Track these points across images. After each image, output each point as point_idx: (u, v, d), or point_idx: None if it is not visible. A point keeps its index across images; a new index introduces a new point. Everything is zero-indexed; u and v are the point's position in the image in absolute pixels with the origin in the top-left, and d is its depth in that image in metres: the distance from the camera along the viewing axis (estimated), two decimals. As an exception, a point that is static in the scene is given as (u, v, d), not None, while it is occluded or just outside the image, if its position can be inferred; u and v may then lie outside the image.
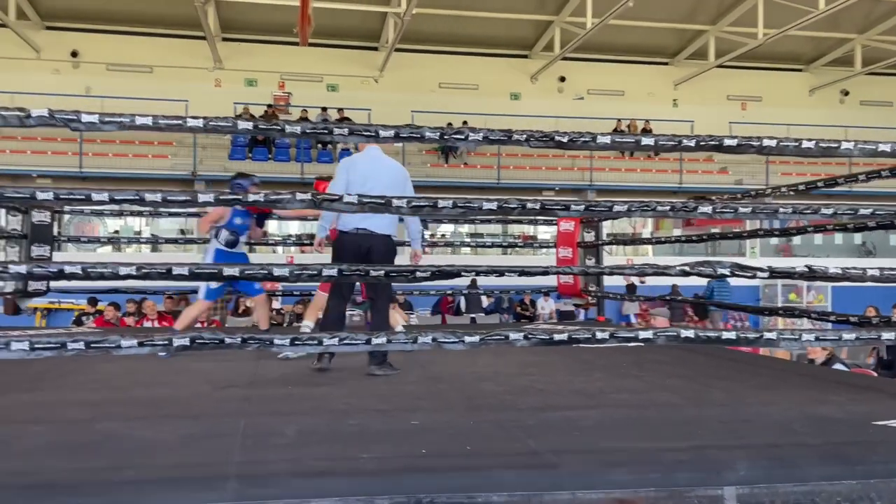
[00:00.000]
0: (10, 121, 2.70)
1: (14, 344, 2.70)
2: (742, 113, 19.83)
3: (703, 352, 5.88)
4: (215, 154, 16.52)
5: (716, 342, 3.20)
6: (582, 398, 4.07)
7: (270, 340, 2.95)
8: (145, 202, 2.82)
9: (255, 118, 15.11)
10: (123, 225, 17.89)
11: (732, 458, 2.86)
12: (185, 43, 17.51)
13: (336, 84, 18.52)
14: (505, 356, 5.49)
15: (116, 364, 4.89)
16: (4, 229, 6.99)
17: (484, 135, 3.04)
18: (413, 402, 3.88)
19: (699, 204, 3.27)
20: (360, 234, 4.67)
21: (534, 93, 19.42)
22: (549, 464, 2.78)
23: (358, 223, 4.67)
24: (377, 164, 4.79)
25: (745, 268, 3.17)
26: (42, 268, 2.80)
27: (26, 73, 16.61)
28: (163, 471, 2.60)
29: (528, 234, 18.93)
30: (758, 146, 3.21)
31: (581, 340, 3.10)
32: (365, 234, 4.67)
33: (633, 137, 3.14)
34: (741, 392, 4.30)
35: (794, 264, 3.52)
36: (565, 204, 3.23)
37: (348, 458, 2.79)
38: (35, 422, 3.28)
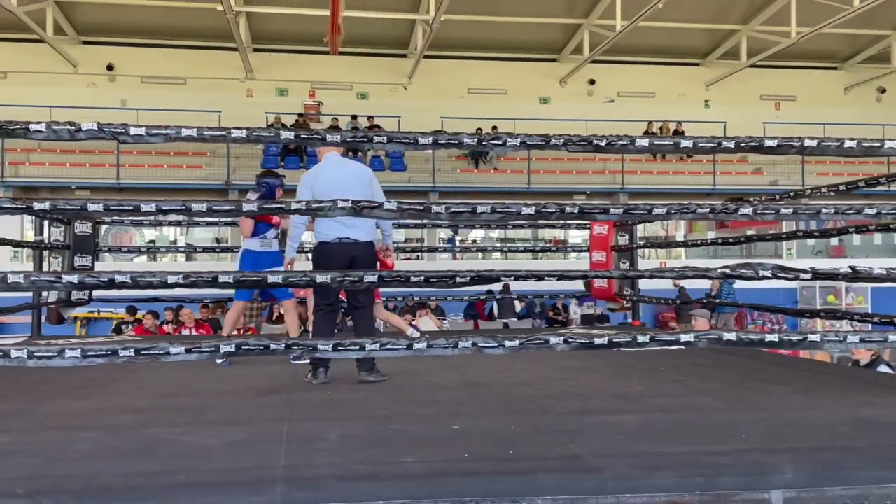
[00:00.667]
0: (62, 134, 2.78)
1: (68, 352, 2.78)
2: (776, 113, 19.58)
3: (743, 355, 5.82)
4: (248, 163, 16.72)
5: (758, 345, 3.18)
6: (622, 402, 4.06)
7: (315, 346, 2.99)
8: (191, 212, 2.88)
9: (286, 127, 15.28)
10: (159, 235, 18.19)
11: (778, 461, 2.83)
12: (218, 54, 17.77)
13: (366, 92, 18.66)
14: (541, 361, 5.49)
15: (159, 372, 4.99)
16: (49, 240, 7.15)
17: (522, 140, 3.05)
18: (453, 406, 3.90)
19: (739, 205, 3.25)
20: (346, 244, 4.65)
21: (563, 96, 19.37)
22: (592, 468, 2.79)
23: (341, 232, 4.63)
24: (341, 171, 4.75)
25: (787, 269, 3.15)
26: (94, 277, 2.88)
27: (64, 86, 16.98)
28: (212, 475, 2.64)
29: (559, 238, 18.90)
30: (798, 146, 3.19)
31: (622, 344, 3.10)
32: (350, 243, 4.65)
33: (671, 140, 3.14)
34: (783, 395, 4.25)
35: (835, 266, 3.48)
36: (604, 207, 3.23)
37: (392, 462, 2.82)
38: (86, 428, 3.36)
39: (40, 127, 2.76)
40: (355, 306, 4.87)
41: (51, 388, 4.45)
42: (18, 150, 15.84)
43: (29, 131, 2.76)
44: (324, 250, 4.68)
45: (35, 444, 3.05)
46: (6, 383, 4.52)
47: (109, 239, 16.86)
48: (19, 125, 2.76)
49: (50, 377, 4.73)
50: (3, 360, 2.70)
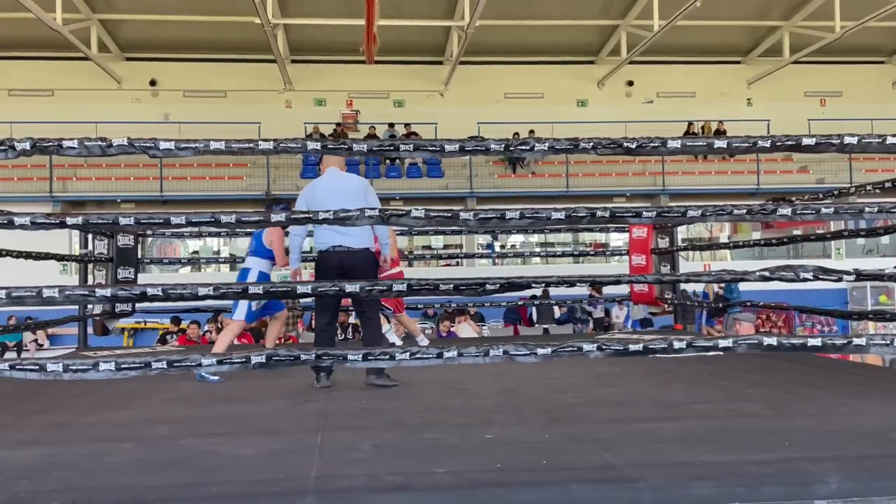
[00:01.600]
0: (93, 150, 2.83)
1: (102, 365, 2.81)
2: (821, 109, 19.09)
3: (789, 359, 5.66)
4: (287, 174, 16.92)
5: (801, 349, 3.07)
6: (661, 409, 3.97)
7: (344, 356, 2.98)
8: (220, 223, 2.90)
9: (325, 137, 15.41)
10: (202, 245, 18.48)
11: (823, 470, 2.73)
12: (257, 67, 18.02)
13: (402, 100, 18.74)
14: (580, 367, 5.41)
15: (196, 383, 5.04)
16: (92, 253, 7.30)
17: (550, 144, 3.01)
18: (487, 415, 3.86)
19: (778, 206, 3.15)
20: (338, 252, 4.75)
21: (601, 98, 19.19)
22: (628, 477, 2.72)
23: (334, 241, 4.75)
24: (336, 184, 4.85)
25: (828, 271, 3.04)
26: (126, 290, 2.91)
27: (108, 102, 17.39)
28: (244, 486, 2.65)
29: (600, 241, 18.70)
30: (838, 144, 3.08)
31: (657, 350, 3.02)
32: (344, 251, 4.74)
33: (704, 140, 3.06)
34: (830, 401, 4.12)
35: (883, 266, 3.36)
36: (636, 210, 3.16)
37: (424, 472, 2.79)
38: (123, 439, 3.40)
39: (72, 143, 2.81)
40: (361, 314, 5.03)
41: (93, 400, 4.52)
42: (66, 166, 16.27)
43: (62, 147, 2.81)
44: (320, 259, 4.85)
45: (72, 456, 3.09)
46: (56, 395, 4.62)
47: (154, 251, 17.24)
48: (52, 142, 2.81)
49: (93, 388, 4.81)
50: (40, 373, 2.74)
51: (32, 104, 17.08)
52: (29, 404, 4.35)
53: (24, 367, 2.75)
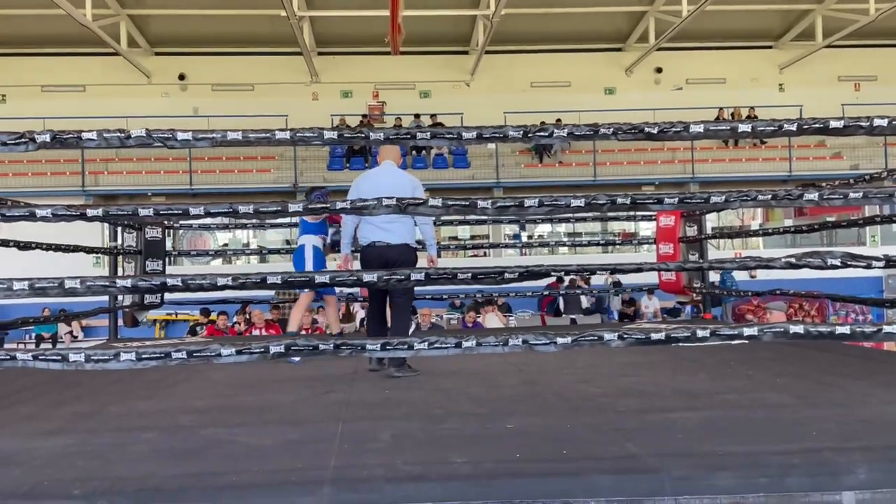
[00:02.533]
0: (112, 142, 2.85)
1: (123, 355, 2.83)
2: (855, 94, 18.67)
3: (820, 348, 5.55)
4: (315, 165, 16.99)
5: (828, 337, 3.00)
6: (685, 399, 3.91)
7: (362, 345, 2.97)
8: (239, 214, 2.91)
9: (350, 129, 15.43)
10: (232, 238, 18.67)
11: (851, 461, 2.67)
12: (283, 59, 18.09)
13: (428, 90, 18.69)
14: (605, 357, 5.36)
15: (223, 372, 5.08)
16: (122, 246, 7.40)
17: (569, 130, 2.96)
18: (509, 405, 3.84)
19: (804, 191, 3.07)
20: (379, 247, 4.89)
21: (629, 86, 18.96)
22: (650, 468, 2.68)
23: (374, 237, 4.90)
24: (388, 179, 4.95)
25: (857, 257, 2.96)
26: (146, 281, 2.93)
27: (138, 97, 17.60)
28: (262, 476, 2.66)
29: (629, 231, 18.51)
30: (867, 127, 2.99)
31: (680, 339, 2.97)
32: (383, 246, 4.88)
33: (727, 124, 2.99)
34: (861, 390, 4.03)
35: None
36: (658, 197, 3.10)
37: (442, 462, 2.78)
38: (146, 428, 3.44)
39: (91, 135, 2.83)
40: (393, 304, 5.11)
41: (119, 390, 4.58)
42: (97, 160, 16.51)
43: (81, 140, 2.83)
44: (362, 254, 5.04)
45: (97, 445, 3.13)
46: (84, 386, 4.69)
47: (185, 243, 17.45)
48: (72, 134, 2.84)
49: (120, 379, 4.89)
50: (63, 363, 2.78)
51: (64, 100, 17.33)
52: (56, 395, 4.42)
53: (47, 358, 2.79)
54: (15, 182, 15.86)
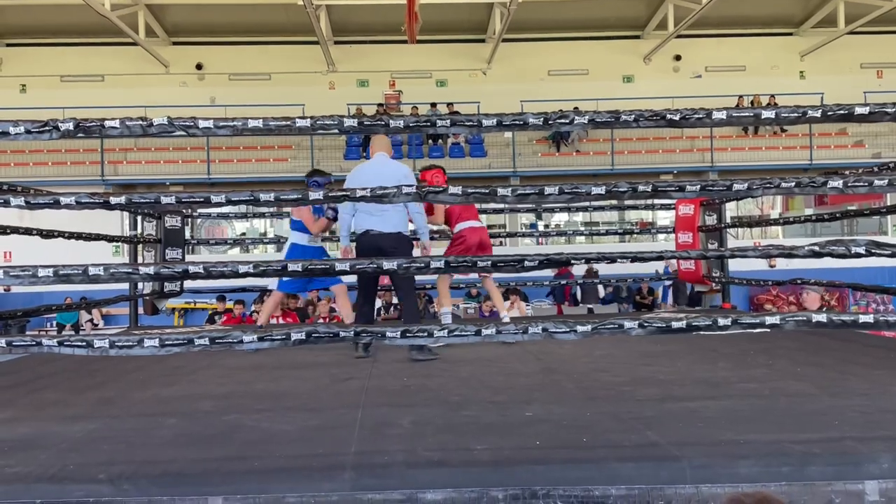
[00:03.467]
0: (135, 130, 2.86)
1: (147, 341, 2.86)
2: (878, 81, 18.40)
3: (842, 338, 5.51)
4: (331, 154, 17.01)
5: (851, 326, 2.98)
6: (706, 388, 3.90)
7: (383, 333, 2.98)
8: (260, 202, 2.92)
9: (366, 117, 15.41)
10: (249, 227, 18.75)
11: (874, 450, 2.66)
12: (300, 49, 18.11)
13: (445, 79, 18.64)
14: (624, 346, 5.34)
15: (244, 359, 5.13)
16: (142, 234, 7.46)
17: (590, 118, 2.95)
18: (528, 393, 3.84)
19: (828, 178, 3.04)
20: (372, 235, 5.02)
21: (648, 74, 18.80)
22: (671, 456, 2.68)
23: (367, 225, 5.03)
24: (379, 169, 5.09)
25: (883, 245, 2.92)
26: (168, 268, 2.96)
27: (156, 87, 17.69)
28: (284, 461, 2.68)
29: (647, 220, 18.41)
30: (894, 113, 2.95)
31: (701, 328, 2.96)
32: (376, 234, 5.00)
33: (750, 111, 2.96)
34: (884, 380, 3.99)
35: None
36: (679, 185, 3.08)
37: (462, 449, 2.79)
38: (170, 414, 3.47)
39: (114, 123, 2.85)
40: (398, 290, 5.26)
41: (142, 377, 4.63)
42: (117, 150, 16.63)
43: (104, 128, 2.85)
44: (357, 242, 5.16)
45: (121, 430, 3.17)
46: (107, 373, 4.75)
47: (203, 232, 17.55)
48: (95, 123, 2.86)
49: (142, 366, 4.95)
50: (87, 349, 2.81)
51: (83, 89, 17.45)
52: (81, 381, 4.48)
53: (72, 344, 2.82)
54: (35, 171, 16.00)
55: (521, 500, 2.51)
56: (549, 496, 2.51)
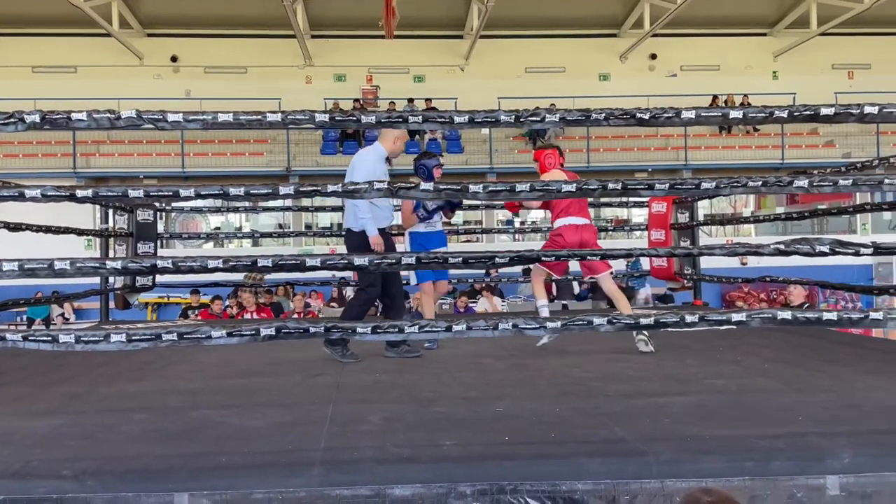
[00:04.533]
0: (102, 123, 2.83)
1: (113, 336, 2.84)
2: (849, 82, 18.66)
3: (809, 335, 5.60)
4: (308, 149, 16.91)
5: (816, 324, 3.02)
6: (674, 384, 3.94)
7: (353, 329, 2.98)
8: (229, 196, 2.90)
9: (344, 112, 15.36)
10: (224, 221, 18.60)
11: (836, 445, 2.71)
12: (277, 42, 17.96)
13: (423, 75, 18.60)
14: (596, 342, 5.38)
15: (214, 355, 5.09)
16: (113, 228, 7.37)
17: (561, 116, 2.96)
18: (499, 389, 3.86)
19: (794, 178, 3.08)
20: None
21: (624, 72, 18.90)
22: (637, 451, 2.71)
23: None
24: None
25: (846, 244, 2.97)
26: (136, 262, 2.93)
27: (130, 79, 17.44)
28: (252, 457, 2.68)
29: (621, 217, 18.53)
30: (858, 114, 3.00)
31: (669, 324, 2.99)
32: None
33: (719, 111, 2.99)
34: (848, 376, 4.07)
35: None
36: (649, 183, 3.11)
37: (432, 445, 2.80)
38: (137, 410, 3.45)
39: (82, 116, 2.81)
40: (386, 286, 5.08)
41: (110, 371, 4.59)
42: (89, 142, 16.39)
43: (71, 121, 2.81)
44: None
45: (87, 426, 3.14)
46: (74, 367, 4.69)
47: (177, 226, 17.38)
48: (62, 115, 2.82)
49: (111, 361, 4.90)
50: (52, 344, 2.78)
51: (56, 81, 17.17)
52: (47, 376, 4.42)
53: (37, 339, 2.79)
54: (5, 164, 15.72)
55: (489, 495, 2.52)
56: (517, 491, 2.53)
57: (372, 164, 4.83)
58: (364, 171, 4.74)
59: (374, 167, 4.81)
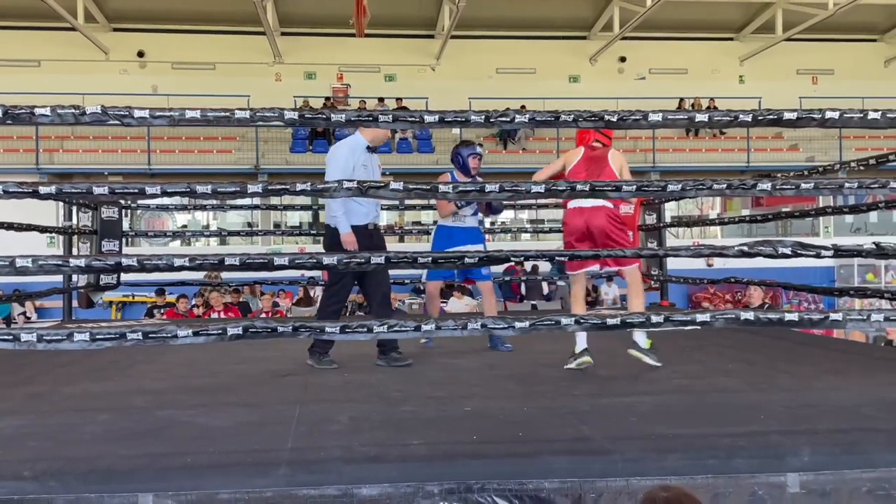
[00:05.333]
0: (66, 118, 2.79)
1: (77, 335, 2.79)
2: (813, 87, 19.04)
3: (771, 335, 5.70)
4: (277, 147, 16.80)
5: (777, 324, 3.08)
6: (641, 384, 3.99)
7: (321, 328, 2.97)
8: (196, 194, 2.87)
9: (314, 110, 15.29)
10: (191, 220, 18.39)
11: (796, 443, 2.76)
12: (246, 39, 17.81)
13: (394, 74, 18.58)
14: (563, 342, 5.41)
15: (182, 354, 5.04)
16: (77, 225, 7.25)
17: (530, 117, 2.98)
18: (468, 388, 3.87)
19: (758, 181, 3.14)
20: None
21: (593, 75, 19.06)
22: (603, 450, 2.74)
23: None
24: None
25: (807, 246, 3.04)
26: (101, 260, 2.89)
27: (96, 74, 17.17)
28: (218, 457, 2.65)
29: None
30: (819, 119, 3.06)
31: (635, 325, 3.03)
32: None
33: (684, 113, 3.04)
34: (809, 376, 4.15)
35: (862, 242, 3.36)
36: (616, 185, 3.14)
37: (399, 444, 2.80)
38: (100, 410, 3.39)
39: (45, 111, 2.77)
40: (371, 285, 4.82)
41: (74, 371, 4.52)
42: (53, 138, 16.10)
43: (34, 116, 2.77)
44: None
45: (49, 426, 3.09)
46: (38, 367, 4.61)
47: (143, 224, 17.15)
48: (24, 110, 2.77)
49: (75, 360, 4.82)
50: (14, 343, 2.73)
51: (19, 75, 16.84)
52: (9, 376, 4.33)
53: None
54: (-35, 159, 15.42)
55: (457, 493, 2.53)
56: (484, 490, 2.54)
57: (345, 159, 4.60)
58: (336, 167, 4.57)
59: (347, 162, 4.58)
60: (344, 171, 4.46)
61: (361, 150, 4.67)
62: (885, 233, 18.00)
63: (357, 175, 4.39)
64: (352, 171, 4.48)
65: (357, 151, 4.66)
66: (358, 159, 4.61)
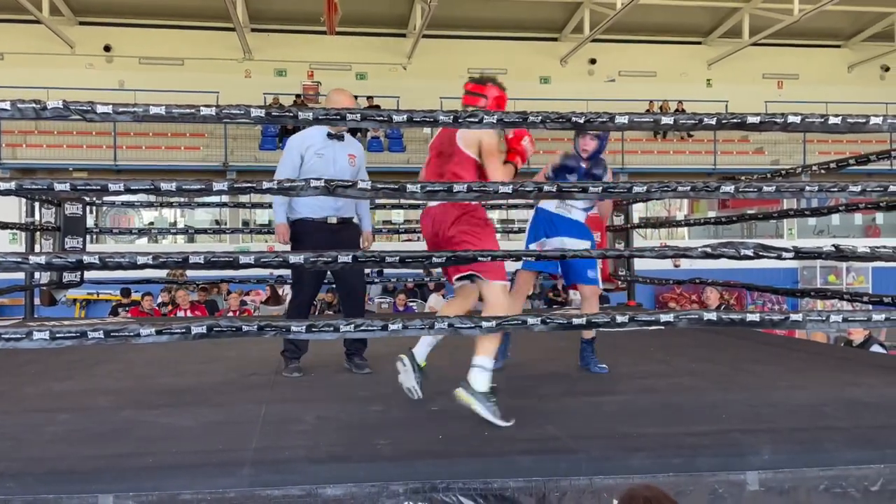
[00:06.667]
0: (27, 113, 2.73)
1: (36, 333, 2.74)
2: (778, 92, 19.37)
3: (736, 335, 5.78)
4: (246, 145, 16.63)
5: (739, 325, 3.13)
6: (606, 383, 4.03)
7: (287, 327, 2.95)
8: (160, 191, 2.83)
9: (282, 107, 15.18)
10: (158, 216, 18.15)
11: (757, 442, 2.81)
12: (215, 35, 17.62)
13: (365, 72, 18.51)
14: (531, 342, 5.45)
15: (147, 353, 4.97)
16: (39, 222, 7.12)
17: (499, 117, 2.99)
18: (435, 388, 3.85)
19: (721, 184, 3.19)
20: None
21: (564, 76, 19.18)
22: (568, 449, 2.76)
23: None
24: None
25: (768, 248, 3.09)
26: (61, 258, 2.84)
27: (61, 68, 16.86)
28: (181, 457, 2.63)
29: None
30: (782, 123, 3.12)
31: (600, 324, 3.05)
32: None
33: (650, 116, 3.07)
34: (771, 376, 4.23)
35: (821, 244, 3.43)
36: (583, 186, 3.17)
37: (365, 444, 2.80)
38: (62, 410, 3.34)
39: (5, 105, 2.71)
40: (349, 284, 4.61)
41: (37, 370, 4.44)
42: (15, 132, 15.78)
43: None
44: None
45: (8, 426, 3.03)
46: (0, 365, 4.51)
47: (108, 221, 16.87)
48: (-18, 104, 2.71)
49: (37, 359, 4.73)
50: (-29, 342, 2.66)
51: (-20, 68, 16.52)
52: (-33, 375, 4.25)
53: (-46, 336, 2.67)
54: (-76, 153, 15.05)
55: (422, 493, 2.53)
56: (449, 489, 2.55)
57: (294, 150, 4.31)
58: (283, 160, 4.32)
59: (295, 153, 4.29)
60: (292, 163, 4.25)
61: (320, 138, 4.34)
62: (847, 235, 18.39)
63: (309, 164, 4.22)
64: (300, 162, 4.25)
65: (310, 139, 4.35)
66: (311, 147, 4.31)
